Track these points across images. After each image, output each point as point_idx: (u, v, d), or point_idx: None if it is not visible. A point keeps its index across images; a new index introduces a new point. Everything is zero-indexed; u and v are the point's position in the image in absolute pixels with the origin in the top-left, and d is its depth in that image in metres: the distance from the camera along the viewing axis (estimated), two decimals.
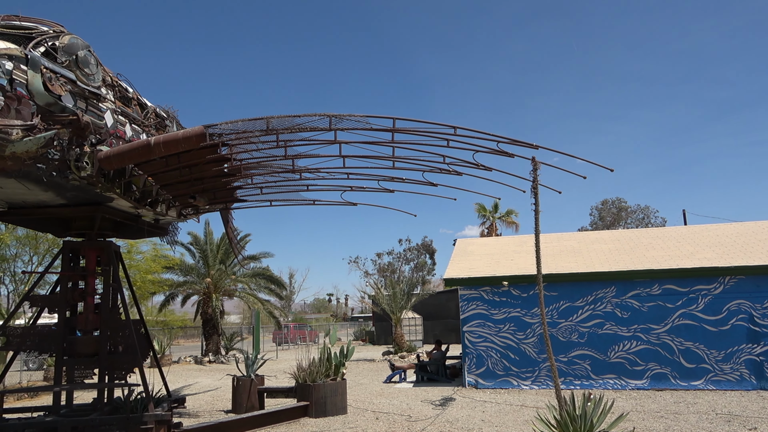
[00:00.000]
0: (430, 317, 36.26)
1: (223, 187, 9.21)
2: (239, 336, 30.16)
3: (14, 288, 16.97)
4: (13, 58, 6.58)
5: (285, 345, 38.42)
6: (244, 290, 28.25)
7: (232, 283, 27.36)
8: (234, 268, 27.50)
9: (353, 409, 11.80)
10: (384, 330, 37.33)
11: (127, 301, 9.38)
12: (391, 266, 38.41)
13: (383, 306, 26.71)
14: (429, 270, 43.51)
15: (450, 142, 7.47)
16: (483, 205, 42.80)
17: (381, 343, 37.01)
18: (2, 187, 7.34)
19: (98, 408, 8.67)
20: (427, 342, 35.20)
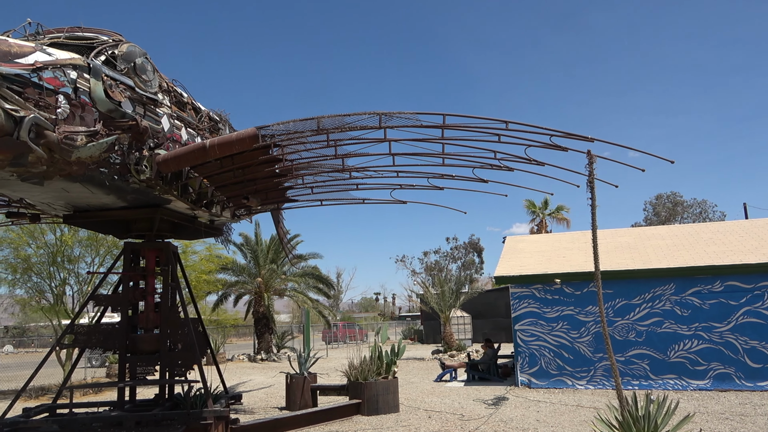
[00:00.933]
0: (479, 316, 35.89)
1: (275, 188, 9.36)
2: (290, 334, 30.63)
3: (78, 288, 17.75)
4: (76, 68, 6.87)
5: (334, 344, 38.78)
6: (294, 289, 28.66)
7: (282, 283, 27.81)
8: (284, 267, 27.95)
9: (405, 408, 11.79)
10: (432, 329, 37.19)
11: (185, 300, 9.64)
12: (438, 265, 38.21)
13: (432, 304, 26.61)
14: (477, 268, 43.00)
15: (501, 137, 7.36)
16: (532, 202, 42.01)
17: (430, 342, 36.89)
18: (68, 192, 7.66)
19: (160, 403, 8.97)
20: (476, 341, 34.86)
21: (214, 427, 8.11)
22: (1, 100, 5.84)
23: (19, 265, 17.16)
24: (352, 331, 44.21)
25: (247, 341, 43.88)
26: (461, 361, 19.51)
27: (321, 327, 42.47)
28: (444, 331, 26.51)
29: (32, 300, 18.76)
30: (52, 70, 6.54)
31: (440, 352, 25.52)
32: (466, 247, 43.91)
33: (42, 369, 9.28)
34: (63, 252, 17.18)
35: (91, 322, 9.70)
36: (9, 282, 17.50)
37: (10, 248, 17.03)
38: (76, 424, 7.93)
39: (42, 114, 6.22)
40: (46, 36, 7.50)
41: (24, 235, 16.65)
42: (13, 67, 6.09)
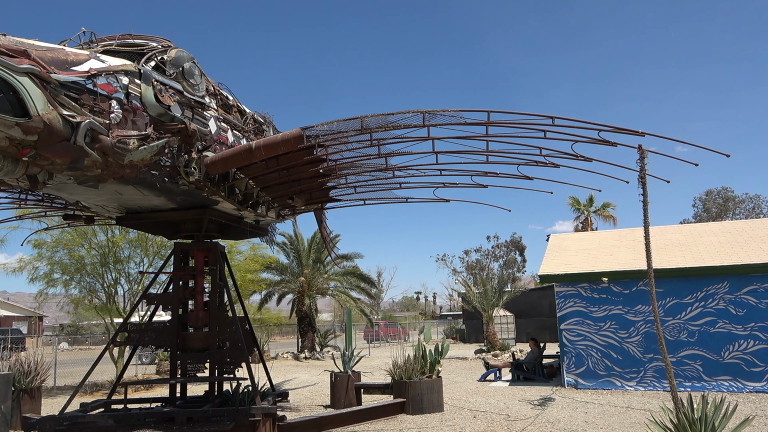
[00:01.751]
0: (522, 315, 35.43)
1: (319, 188, 9.44)
2: (332, 333, 30.88)
3: (129, 287, 18.31)
4: (128, 74, 7.08)
5: (376, 342, 38.90)
6: (336, 288, 28.89)
7: (324, 282, 28.07)
8: (326, 267, 28.19)
9: (449, 407, 11.73)
10: (475, 328, 36.90)
11: (232, 299, 9.83)
12: (479, 263, 37.91)
13: (474, 303, 26.39)
14: (519, 267, 42.45)
15: (547, 133, 7.22)
16: (577, 199, 41.03)
17: (472, 341, 36.62)
18: (121, 194, 7.91)
19: (209, 400, 9.17)
20: (519, 340, 34.43)
21: (262, 423, 8.24)
22: (59, 106, 6.06)
23: (72, 266, 17.81)
24: (393, 330, 44.28)
25: (290, 340, 44.48)
26: (505, 360, 19.28)
27: (363, 326, 42.67)
28: (487, 331, 26.26)
29: (85, 299, 19.45)
30: (106, 77, 6.75)
31: (483, 351, 25.29)
32: (507, 246, 43.44)
33: (97, 365, 9.61)
34: (114, 253, 17.75)
35: (142, 321, 10.00)
36: (64, 282, 18.19)
37: (64, 250, 17.70)
38: (130, 419, 8.18)
39: (96, 119, 6.43)
40: (99, 44, 7.76)
41: (77, 237, 17.27)
42: (70, 75, 6.32)
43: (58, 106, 6.04)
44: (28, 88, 5.75)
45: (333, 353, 26.06)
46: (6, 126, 5.65)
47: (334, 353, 25.07)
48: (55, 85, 6.09)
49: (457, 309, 60.77)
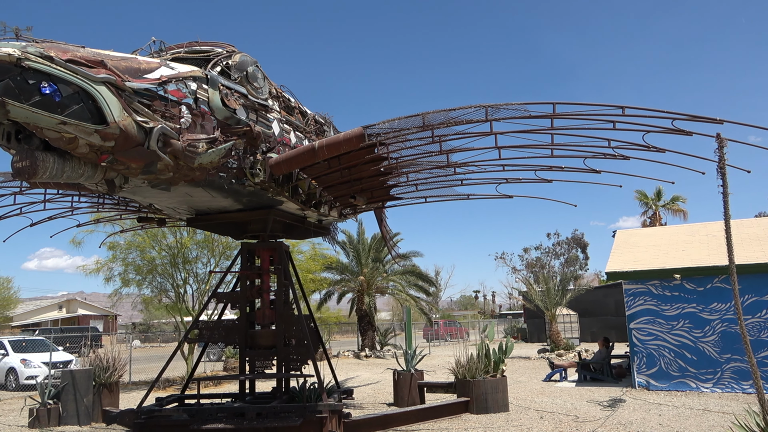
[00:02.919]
0: (586, 314, 34.42)
1: (380, 186, 9.47)
2: (392, 332, 30.98)
3: (197, 287, 18.98)
4: (196, 79, 7.31)
5: (435, 341, 38.75)
6: (395, 287, 28.95)
7: (383, 281, 28.18)
8: (385, 266, 28.30)
9: (514, 407, 11.53)
10: (536, 327, 36.16)
11: (297, 297, 10.00)
12: (539, 261, 37.12)
13: (537, 302, 25.83)
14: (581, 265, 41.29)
15: (616, 123, 6.97)
16: (644, 193, 39.28)
17: (534, 341, 35.91)
18: (192, 196, 8.19)
19: (277, 396, 9.37)
20: (584, 340, 33.48)
21: (328, 420, 8.33)
22: (133, 113, 6.32)
23: (144, 267, 18.62)
24: (453, 328, 43.99)
25: (349, 338, 44.93)
26: (571, 360, 18.78)
27: (421, 325, 42.57)
28: (550, 330, 25.65)
29: (156, 298, 20.28)
30: (175, 83, 6.99)
31: (547, 351, 24.73)
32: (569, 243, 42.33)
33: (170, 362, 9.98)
34: (183, 254, 18.43)
35: (209, 319, 10.35)
36: (137, 282, 19.04)
37: (137, 251, 18.52)
38: (203, 414, 8.45)
39: (168, 124, 6.67)
40: (168, 52, 8.05)
41: (148, 239, 18.03)
42: (143, 83, 6.58)
43: (132, 112, 6.30)
44: (105, 96, 6.02)
45: (394, 351, 26.15)
46: (86, 133, 5.94)
47: (395, 351, 25.16)
48: (130, 93, 6.35)
49: (517, 308, 59.70)
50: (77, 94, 5.84)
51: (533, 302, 26.34)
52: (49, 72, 5.66)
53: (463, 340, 41.93)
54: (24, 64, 5.50)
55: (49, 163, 6.00)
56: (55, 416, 11.16)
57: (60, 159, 6.11)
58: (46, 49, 5.74)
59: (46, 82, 5.66)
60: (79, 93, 5.85)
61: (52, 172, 6.06)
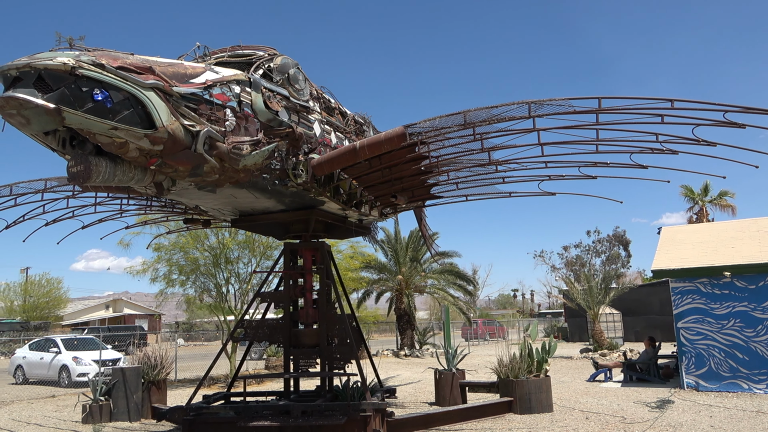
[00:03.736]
0: (629, 313, 33.66)
1: (421, 185, 9.45)
2: (431, 331, 30.90)
3: (239, 287, 19.31)
4: (239, 83, 7.43)
5: (474, 341, 38.48)
6: (433, 286, 28.86)
7: (422, 280, 28.13)
8: (423, 265, 28.24)
9: (559, 407, 11.36)
10: (578, 326, 35.53)
11: (340, 296, 10.07)
12: (579, 259, 36.50)
13: (578, 301, 25.36)
14: (623, 262, 40.42)
15: (665, 117, 6.79)
16: (690, 188, 37.95)
17: (575, 340, 35.29)
18: (236, 197, 8.34)
19: (321, 395, 9.46)
20: (627, 339, 32.74)
21: (372, 419, 8.37)
22: (180, 117, 6.46)
23: (188, 267, 19.05)
24: (491, 328, 43.62)
25: (387, 337, 45.02)
26: (616, 360, 18.38)
27: (460, 324, 42.31)
28: (593, 329, 25.15)
29: (198, 298, 20.74)
30: (220, 87, 7.13)
31: (589, 350, 24.26)
32: (610, 240, 41.48)
33: (209, 360, 10.19)
34: (224, 254, 18.78)
35: (252, 318, 10.52)
36: (181, 282, 19.50)
37: (181, 252, 18.96)
38: (249, 411, 8.60)
39: (213, 127, 6.80)
40: (212, 56, 8.20)
41: (192, 240, 18.44)
42: (189, 87, 6.72)
43: (179, 116, 6.44)
44: (153, 101, 6.18)
45: (434, 351, 26.07)
46: (136, 137, 6.11)
47: (436, 351, 25.08)
48: (177, 98, 6.50)
49: (557, 307, 58.74)
50: (127, 99, 6.01)
51: (575, 301, 25.87)
52: (101, 79, 5.83)
53: (502, 339, 41.53)
54: (78, 72, 5.69)
55: (102, 167, 6.19)
56: (107, 412, 11.53)
57: (112, 163, 6.30)
58: (98, 57, 5.92)
59: (99, 89, 5.84)
60: (129, 99, 6.02)
61: (104, 176, 6.25)
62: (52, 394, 16.64)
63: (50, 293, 54.29)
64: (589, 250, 37.14)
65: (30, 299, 53.02)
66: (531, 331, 13.98)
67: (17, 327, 41.65)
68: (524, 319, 53.12)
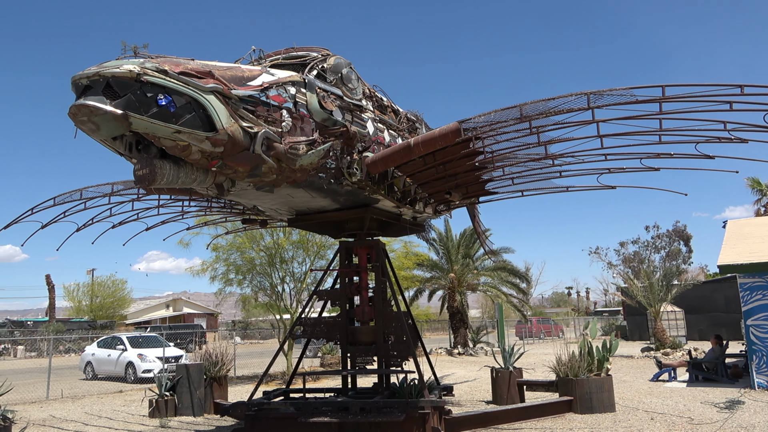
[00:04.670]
0: (692, 311, 32.34)
1: (475, 181, 9.36)
2: (484, 329, 30.58)
3: (294, 285, 19.66)
4: (294, 84, 7.55)
5: (529, 339, 37.84)
6: (486, 284, 28.55)
7: (474, 278, 27.87)
8: (475, 262, 27.98)
9: (621, 407, 11.04)
10: (637, 324, 34.40)
11: (396, 294, 10.09)
12: (638, 256, 35.27)
13: (638, 298, 24.53)
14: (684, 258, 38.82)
15: (733, 104, 6.48)
16: (757, 180, 35.94)
17: (635, 339, 34.19)
18: (293, 197, 8.48)
19: (379, 392, 9.50)
20: (691, 338, 31.48)
21: (430, 416, 8.35)
22: (239, 119, 6.62)
23: (244, 266, 19.52)
24: (546, 326, 42.80)
25: (439, 336, 44.79)
26: (681, 359, 17.71)
27: (513, 322, 41.71)
28: (654, 327, 24.29)
29: (253, 297, 21.20)
30: (276, 88, 7.26)
31: (651, 349, 23.44)
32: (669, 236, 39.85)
33: (266, 357, 10.38)
34: (279, 254, 19.14)
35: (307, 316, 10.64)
36: (238, 281, 20.00)
37: (237, 252, 19.45)
38: (309, 407, 8.73)
39: (271, 128, 6.93)
40: (267, 59, 8.37)
41: (248, 240, 18.88)
42: (247, 90, 6.88)
43: (238, 118, 6.60)
44: (214, 104, 6.35)
45: (488, 349, 25.80)
46: (198, 140, 6.30)
47: (491, 349, 24.81)
48: (235, 100, 6.66)
49: (614, 305, 57.02)
50: (189, 104, 6.20)
51: (635, 298, 25.04)
52: (165, 85, 6.03)
53: (558, 338, 40.72)
54: (143, 78, 5.91)
55: (166, 170, 6.41)
56: (172, 407, 11.96)
57: (175, 166, 6.51)
58: (161, 63, 6.13)
59: (162, 95, 6.05)
60: (191, 103, 6.21)
61: (168, 178, 6.47)
62: (120, 389, 17.38)
63: (115, 293, 56.78)
64: (648, 246, 35.87)
65: (96, 299, 55.61)
66: (590, 329, 13.66)
67: (85, 326, 43.77)
68: (580, 317, 51.82)
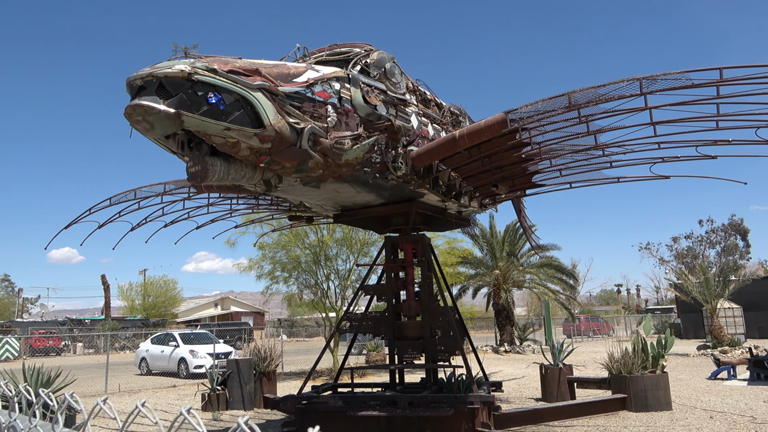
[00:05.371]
0: (752, 307, 30.99)
1: (522, 173, 9.21)
2: (531, 327, 30.12)
3: (338, 283, 19.80)
4: (339, 79, 7.60)
5: (577, 337, 37.06)
6: (532, 281, 28.09)
7: (520, 275, 27.46)
8: (520, 259, 27.56)
9: (678, 406, 10.68)
10: (692, 322, 33.23)
11: (442, 288, 10.04)
12: (691, 251, 34.14)
13: (694, 294, 23.65)
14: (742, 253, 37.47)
15: None
16: None
17: (690, 337, 33.05)
18: (338, 192, 8.53)
19: (427, 387, 9.47)
20: (750, 336, 30.20)
21: (479, 411, 8.26)
22: (286, 115, 6.70)
23: (290, 264, 19.79)
24: (596, 324, 41.81)
25: (484, 334, 44.29)
26: (740, 357, 17.00)
27: (560, 320, 40.94)
28: (711, 324, 23.39)
29: (298, 296, 21.47)
30: (321, 84, 7.32)
31: (708, 347, 22.59)
32: (725, 230, 38.49)
33: (312, 355, 10.47)
34: (324, 251, 19.32)
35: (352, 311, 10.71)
36: (284, 279, 20.29)
37: (283, 250, 19.73)
38: (357, 401, 8.77)
39: (316, 124, 7.00)
40: (312, 56, 8.45)
41: (293, 238, 19.14)
42: (293, 86, 6.96)
43: (285, 115, 6.68)
44: (261, 101, 6.45)
45: (535, 347, 25.38)
46: (246, 137, 6.40)
47: (539, 346, 24.39)
48: (282, 97, 6.74)
49: (666, 302, 55.21)
50: (238, 101, 6.31)
51: (690, 295, 24.16)
52: (214, 83, 6.16)
53: (608, 336, 39.74)
54: (194, 78, 6.04)
55: (217, 166, 6.55)
56: (223, 401, 12.24)
57: (225, 162, 6.65)
58: (210, 62, 6.27)
59: (212, 93, 6.17)
60: (240, 100, 6.32)
61: (219, 175, 6.61)
62: (173, 384, 17.89)
63: (166, 293, 58.62)
64: (702, 240, 34.67)
65: (148, 298, 57.52)
66: (644, 326, 13.25)
67: (139, 324, 45.32)
68: (630, 315, 50.41)
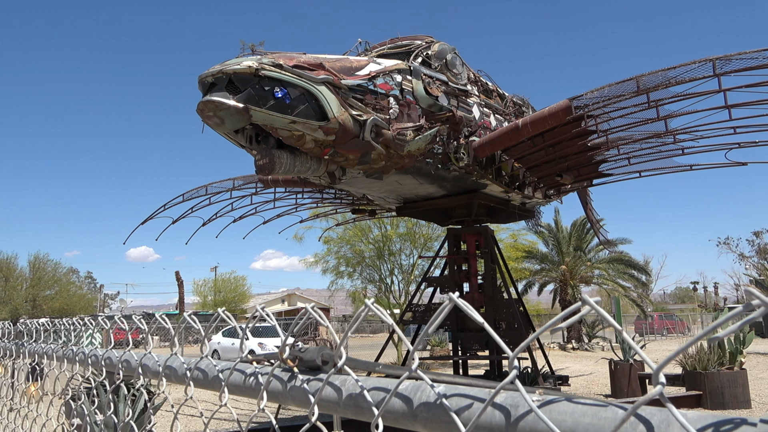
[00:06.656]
0: None
1: (588, 162, 9.00)
2: (600, 324, 29.23)
3: (402, 277, 19.92)
4: (400, 72, 7.69)
5: (650, 336, 35.64)
6: (601, 276, 27.24)
7: (587, 270, 26.70)
8: (588, 254, 26.80)
9: (758, 404, 10.16)
10: None
11: (506, 281, 9.96)
12: None
13: None
14: None
15: None
16: None
17: None
18: (401, 184, 8.63)
19: (491, 379, 9.43)
20: None
21: None
22: (349, 108, 6.85)
23: (354, 259, 20.09)
24: (670, 322, 40.04)
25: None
26: None
27: (632, 318, 39.47)
28: None
29: (362, 293, 21.75)
30: (383, 77, 7.43)
31: None
32: None
33: (376, 350, 10.61)
34: (387, 246, 19.50)
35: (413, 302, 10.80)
36: (348, 273, 20.63)
37: (347, 245, 20.06)
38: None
39: (379, 115, 7.12)
40: (373, 50, 8.59)
41: (357, 232, 19.42)
42: (355, 79, 7.11)
43: (348, 107, 6.83)
44: (325, 95, 6.63)
45: (604, 344, 24.61)
46: (311, 129, 6.60)
47: (606, 345, 23.68)
48: (345, 90, 6.90)
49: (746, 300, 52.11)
50: (303, 95, 6.51)
51: None
52: (280, 78, 6.39)
53: (683, 335, 38.02)
54: (261, 73, 6.29)
55: (284, 159, 6.79)
56: None
57: (291, 155, 6.88)
58: (276, 58, 6.50)
59: (278, 87, 6.41)
60: (304, 94, 6.52)
61: (285, 167, 6.84)
62: None
63: (236, 289, 60.80)
64: None
65: (219, 294, 59.79)
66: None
67: (210, 318, 47.15)
68: (708, 314, 47.96)
